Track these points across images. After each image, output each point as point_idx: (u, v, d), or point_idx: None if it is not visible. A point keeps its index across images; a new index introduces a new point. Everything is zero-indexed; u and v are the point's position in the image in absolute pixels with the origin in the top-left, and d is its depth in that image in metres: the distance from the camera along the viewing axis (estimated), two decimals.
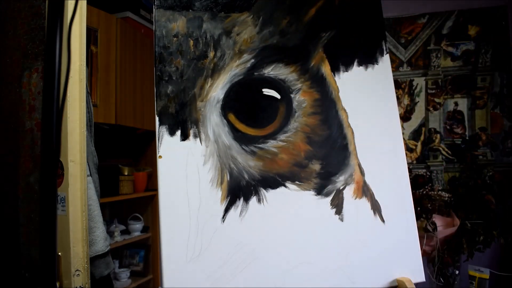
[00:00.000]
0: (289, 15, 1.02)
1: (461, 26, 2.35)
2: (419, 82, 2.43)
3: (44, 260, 0.43)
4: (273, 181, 0.97)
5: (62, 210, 0.93)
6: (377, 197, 1.01)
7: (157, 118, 0.94)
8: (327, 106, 1.02)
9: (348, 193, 1.00)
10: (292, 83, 1.00)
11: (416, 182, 2.36)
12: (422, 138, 2.42)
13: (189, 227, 0.92)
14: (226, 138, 0.96)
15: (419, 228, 1.30)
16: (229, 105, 0.97)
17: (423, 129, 2.41)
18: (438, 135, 2.39)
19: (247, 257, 0.93)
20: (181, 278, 0.89)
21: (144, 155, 2.54)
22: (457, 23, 2.35)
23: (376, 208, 1.01)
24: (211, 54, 0.97)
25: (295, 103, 0.99)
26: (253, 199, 0.95)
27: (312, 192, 0.98)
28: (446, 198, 2.02)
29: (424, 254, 1.75)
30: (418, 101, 2.43)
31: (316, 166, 0.99)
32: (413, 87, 2.43)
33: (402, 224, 1.01)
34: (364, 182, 1.02)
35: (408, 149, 2.41)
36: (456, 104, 2.37)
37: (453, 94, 2.37)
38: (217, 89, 0.97)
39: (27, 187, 0.98)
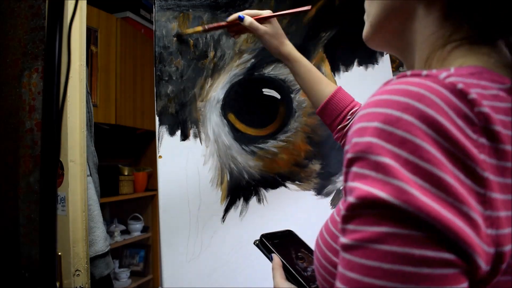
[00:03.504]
0: (289, 15, 1.02)
1: None
2: None
3: (44, 260, 0.43)
4: (273, 181, 0.97)
5: (62, 210, 0.93)
6: None
7: (157, 118, 0.94)
8: None
9: None
10: (292, 83, 1.00)
11: None
12: None
13: (189, 227, 0.91)
14: (226, 138, 0.96)
15: None
16: (229, 105, 0.97)
17: None
18: None
19: (247, 257, 0.93)
20: (181, 278, 0.89)
21: (144, 155, 2.54)
22: None
23: None
24: (211, 54, 0.97)
25: (295, 103, 0.99)
26: (253, 199, 0.95)
27: (312, 192, 0.98)
28: None
29: None
30: None
31: (316, 166, 0.99)
32: None
33: None
34: None
35: None
36: None
37: None
38: (217, 89, 0.97)
39: (27, 187, 0.98)
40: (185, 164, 0.94)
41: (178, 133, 0.94)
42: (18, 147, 0.99)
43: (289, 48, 0.82)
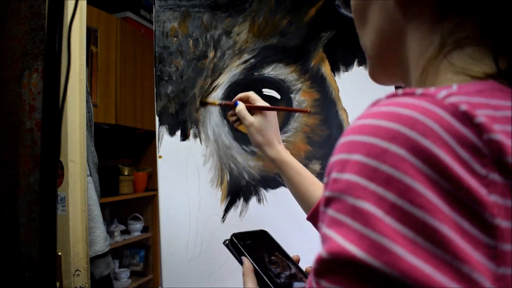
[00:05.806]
0: (289, 15, 1.02)
1: None
2: None
3: (44, 260, 0.43)
4: (273, 181, 0.97)
5: (62, 210, 0.93)
6: None
7: (157, 118, 0.94)
8: (327, 106, 1.02)
9: None
10: (292, 83, 1.00)
11: None
12: None
13: (189, 227, 0.92)
14: (226, 138, 0.96)
15: None
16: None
17: None
18: None
19: None
20: (181, 278, 0.89)
21: (144, 155, 2.54)
22: None
23: None
24: (211, 54, 0.97)
25: (295, 103, 0.99)
26: (253, 199, 0.95)
27: None
28: None
29: None
30: None
31: (316, 166, 0.99)
32: None
33: None
34: None
35: None
36: None
37: None
38: (217, 89, 0.97)
39: (27, 187, 0.98)
40: (185, 164, 0.94)
41: (178, 133, 0.94)
42: (18, 147, 0.99)
43: (275, 152, 0.74)
